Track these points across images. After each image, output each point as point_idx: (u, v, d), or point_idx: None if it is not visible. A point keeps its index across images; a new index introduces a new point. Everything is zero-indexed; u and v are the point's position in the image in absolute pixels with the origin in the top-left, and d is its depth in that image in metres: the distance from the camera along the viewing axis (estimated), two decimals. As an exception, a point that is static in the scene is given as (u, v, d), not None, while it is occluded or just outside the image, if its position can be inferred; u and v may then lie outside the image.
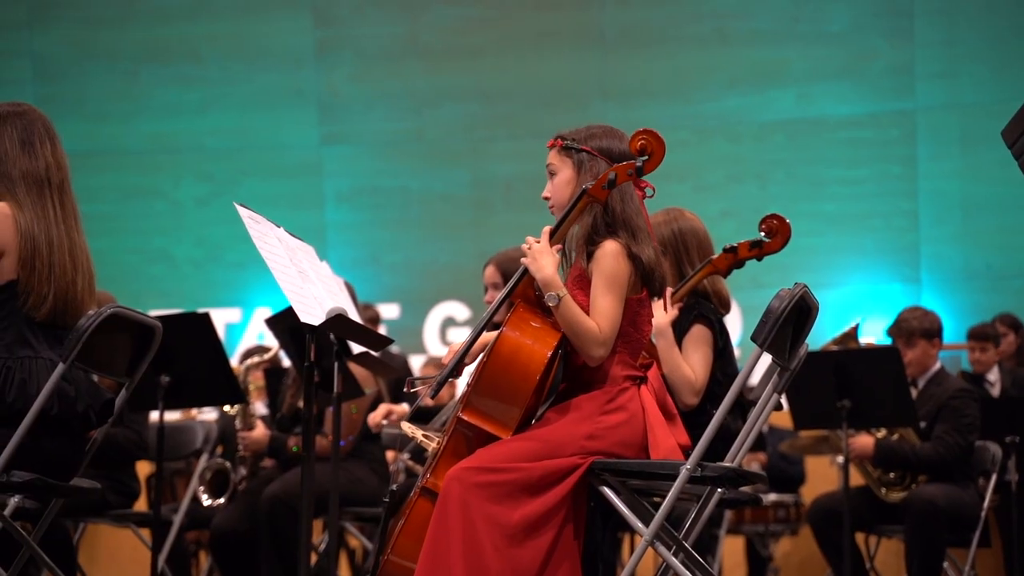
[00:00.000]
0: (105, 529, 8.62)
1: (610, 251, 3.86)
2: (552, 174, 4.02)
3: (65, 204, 4.17)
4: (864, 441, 6.60)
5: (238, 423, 6.37)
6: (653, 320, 4.29)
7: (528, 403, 3.79)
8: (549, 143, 4.05)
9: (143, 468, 7.75)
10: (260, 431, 6.37)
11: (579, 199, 3.90)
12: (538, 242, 3.91)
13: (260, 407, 7.18)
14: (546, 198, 4.04)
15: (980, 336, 8.31)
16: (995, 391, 8.06)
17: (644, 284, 3.93)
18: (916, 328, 6.83)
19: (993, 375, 8.17)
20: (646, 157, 3.90)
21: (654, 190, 4.03)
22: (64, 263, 4.09)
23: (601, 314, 3.82)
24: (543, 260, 3.86)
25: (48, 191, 4.13)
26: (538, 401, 3.90)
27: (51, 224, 4.09)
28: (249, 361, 6.71)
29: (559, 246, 3.96)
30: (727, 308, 5.01)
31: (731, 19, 11.50)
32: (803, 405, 6.55)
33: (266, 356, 6.64)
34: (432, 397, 4.00)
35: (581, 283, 3.91)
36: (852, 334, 7.09)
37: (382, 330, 8.21)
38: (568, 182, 3.98)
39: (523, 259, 3.90)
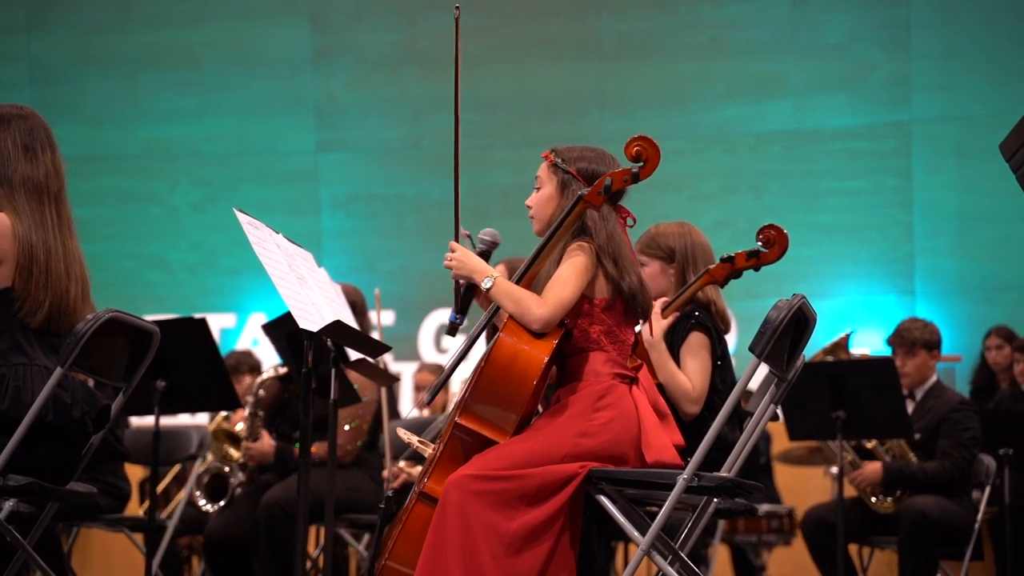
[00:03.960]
0: (98, 533, 8.61)
1: (578, 248, 3.90)
2: (538, 187, 4.07)
3: (61, 213, 4.16)
4: (872, 468, 6.61)
5: (244, 432, 6.36)
6: (644, 332, 4.34)
7: (525, 408, 3.81)
8: (543, 154, 4.08)
9: (136, 472, 7.74)
10: (266, 442, 6.35)
11: (575, 205, 3.93)
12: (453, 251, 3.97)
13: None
14: (529, 206, 4.09)
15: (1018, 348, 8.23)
16: None
17: (627, 309, 3.95)
18: (918, 339, 6.85)
19: None
20: (641, 164, 3.93)
21: (635, 220, 4.05)
22: (59, 271, 4.08)
23: (551, 287, 3.86)
24: (465, 259, 3.91)
25: (47, 199, 4.12)
26: (536, 405, 3.92)
27: (48, 232, 4.08)
28: (263, 376, 6.61)
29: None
30: (727, 325, 5.01)
31: (728, 30, 11.51)
32: (798, 416, 6.57)
33: (280, 372, 6.54)
34: (427, 403, 4.02)
35: None
36: (843, 344, 7.10)
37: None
38: (549, 200, 4.03)
39: (446, 267, 3.97)
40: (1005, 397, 8.18)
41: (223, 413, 7.30)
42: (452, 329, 4.03)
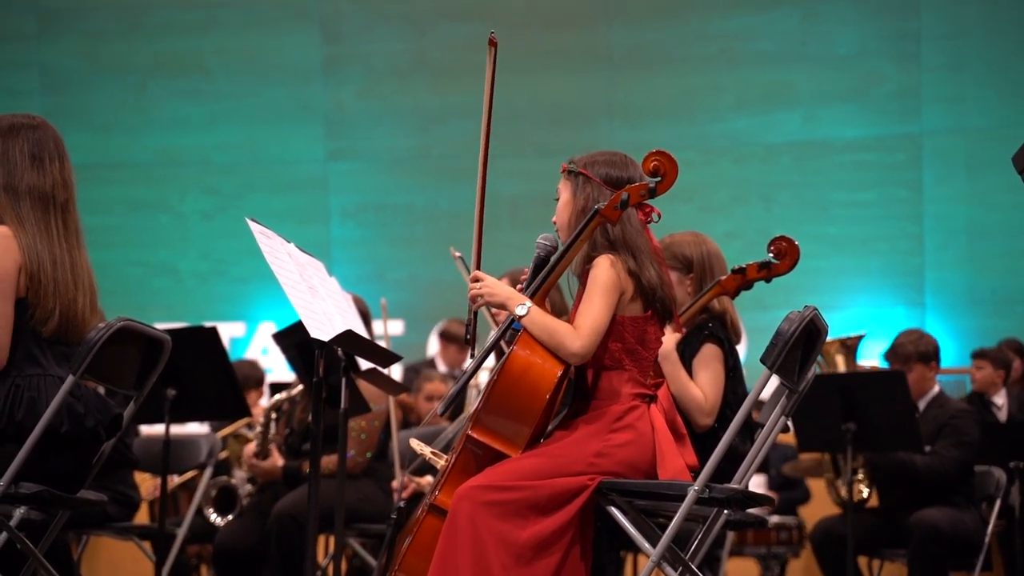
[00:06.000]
0: (106, 542, 8.60)
1: (601, 262, 3.88)
2: (557, 198, 4.08)
3: (68, 223, 4.15)
4: None
5: (255, 448, 6.35)
6: None
7: (537, 422, 3.80)
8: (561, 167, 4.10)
9: (144, 481, 7.75)
10: (273, 461, 6.34)
11: (591, 219, 3.91)
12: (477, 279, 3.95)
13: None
14: (555, 222, 4.09)
15: (977, 355, 8.30)
16: (1002, 415, 8.01)
17: (646, 305, 3.93)
18: (912, 352, 6.84)
19: (1000, 398, 8.12)
20: (659, 178, 3.92)
21: (660, 215, 4.04)
22: (66, 281, 4.08)
23: (583, 314, 3.84)
24: (496, 287, 3.91)
25: (52, 209, 4.11)
26: (548, 420, 3.91)
27: (54, 242, 4.08)
28: (278, 397, 6.59)
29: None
30: (738, 337, 5.01)
31: (738, 41, 11.51)
32: (808, 428, 6.56)
33: (293, 392, 6.52)
34: (441, 414, 4.01)
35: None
36: (853, 345, 7.07)
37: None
38: (565, 205, 4.03)
39: (474, 295, 3.95)
40: (1012, 410, 8.18)
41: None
42: None
